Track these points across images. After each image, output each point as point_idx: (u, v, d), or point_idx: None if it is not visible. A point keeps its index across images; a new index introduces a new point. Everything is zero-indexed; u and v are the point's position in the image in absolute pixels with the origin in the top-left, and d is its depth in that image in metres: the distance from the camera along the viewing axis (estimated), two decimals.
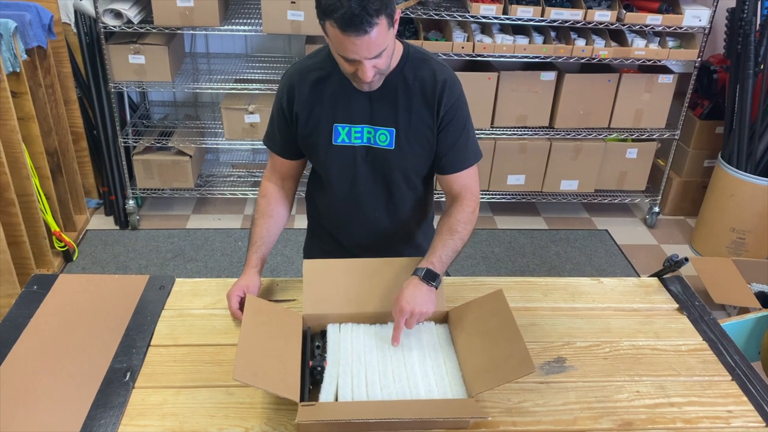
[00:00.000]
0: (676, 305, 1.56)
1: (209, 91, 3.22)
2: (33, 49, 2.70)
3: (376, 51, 1.26)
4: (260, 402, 1.22)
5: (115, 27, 2.87)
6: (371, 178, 1.52)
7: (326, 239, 1.72)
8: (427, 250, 1.43)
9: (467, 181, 1.52)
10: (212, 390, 1.25)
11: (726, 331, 1.48)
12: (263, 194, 1.59)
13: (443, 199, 1.62)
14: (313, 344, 1.33)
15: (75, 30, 3.00)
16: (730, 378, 1.34)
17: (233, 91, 3.16)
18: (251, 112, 3.11)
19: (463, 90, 1.49)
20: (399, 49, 1.44)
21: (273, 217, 1.56)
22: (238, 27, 3.00)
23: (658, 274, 1.66)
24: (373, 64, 1.29)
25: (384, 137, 1.46)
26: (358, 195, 1.55)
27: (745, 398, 1.29)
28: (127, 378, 1.26)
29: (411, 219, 1.64)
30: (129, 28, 2.88)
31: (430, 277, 1.36)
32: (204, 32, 3.15)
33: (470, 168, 1.52)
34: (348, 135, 1.47)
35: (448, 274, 1.59)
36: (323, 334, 1.36)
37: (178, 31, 3.03)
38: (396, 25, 1.31)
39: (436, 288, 1.37)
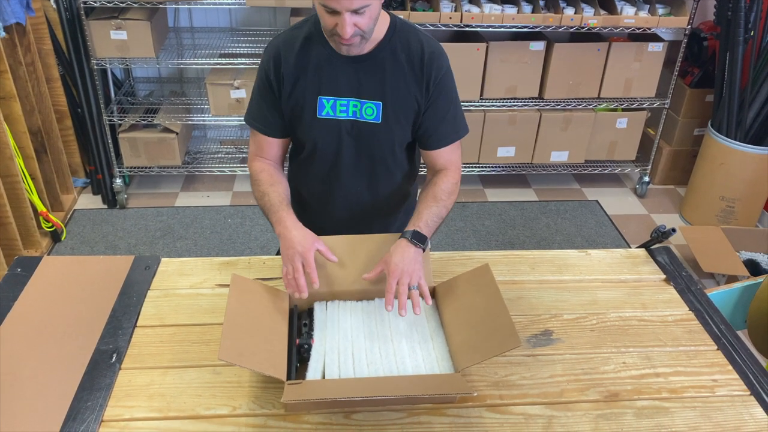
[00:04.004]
0: (664, 276, 1.56)
1: (194, 66, 3.17)
2: (11, 26, 2.64)
3: (359, 3, 1.24)
4: (248, 381, 1.22)
5: (95, 2, 2.81)
6: (355, 152, 1.49)
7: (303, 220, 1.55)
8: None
9: (452, 156, 1.51)
10: (199, 370, 1.25)
11: (713, 301, 1.49)
12: (261, 169, 1.50)
13: (423, 172, 1.60)
14: (300, 322, 1.33)
15: (54, 5, 2.92)
16: (715, 347, 1.35)
17: (219, 66, 3.11)
18: (237, 87, 3.07)
19: (450, 62, 1.46)
20: (386, 19, 1.42)
21: (282, 184, 1.49)
22: (221, 0, 2.94)
23: (645, 245, 1.66)
24: (354, 22, 1.26)
25: (371, 110, 1.44)
26: (340, 169, 1.52)
27: (730, 367, 1.30)
28: (114, 359, 1.25)
29: (393, 195, 1.62)
30: (110, 2, 2.82)
31: (418, 239, 1.35)
32: (187, 6, 3.09)
33: (456, 142, 1.51)
34: (333, 108, 1.44)
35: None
36: (310, 312, 1.36)
37: (161, 6, 2.96)
38: None
39: (423, 250, 1.36)
